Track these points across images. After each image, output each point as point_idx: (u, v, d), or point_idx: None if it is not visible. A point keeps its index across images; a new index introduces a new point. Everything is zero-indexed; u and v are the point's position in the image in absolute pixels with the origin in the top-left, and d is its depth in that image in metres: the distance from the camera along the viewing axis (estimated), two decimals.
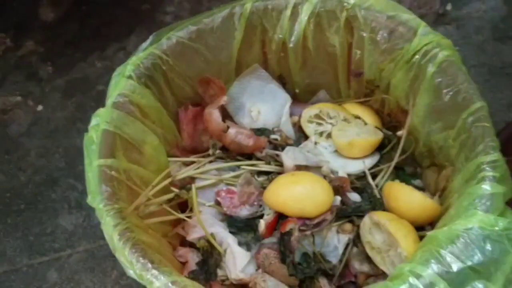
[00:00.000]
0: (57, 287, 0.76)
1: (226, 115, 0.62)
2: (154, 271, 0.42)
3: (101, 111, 0.50)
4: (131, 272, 0.43)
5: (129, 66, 0.55)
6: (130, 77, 0.53)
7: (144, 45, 0.58)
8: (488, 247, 0.39)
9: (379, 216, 0.51)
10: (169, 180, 0.55)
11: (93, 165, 0.46)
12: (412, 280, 0.38)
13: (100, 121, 0.49)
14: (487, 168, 0.43)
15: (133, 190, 0.50)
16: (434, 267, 0.39)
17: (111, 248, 0.46)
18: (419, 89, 0.53)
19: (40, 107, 0.97)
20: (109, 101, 0.51)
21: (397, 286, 0.38)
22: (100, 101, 0.52)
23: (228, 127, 0.58)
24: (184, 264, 0.55)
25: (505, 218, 0.41)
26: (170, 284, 0.40)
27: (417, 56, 0.52)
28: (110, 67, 0.98)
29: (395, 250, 0.49)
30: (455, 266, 0.39)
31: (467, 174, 0.45)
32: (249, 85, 0.62)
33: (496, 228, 0.40)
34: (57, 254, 0.79)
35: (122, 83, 0.53)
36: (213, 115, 0.58)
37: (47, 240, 0.80)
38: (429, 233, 0.43)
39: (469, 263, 0.39)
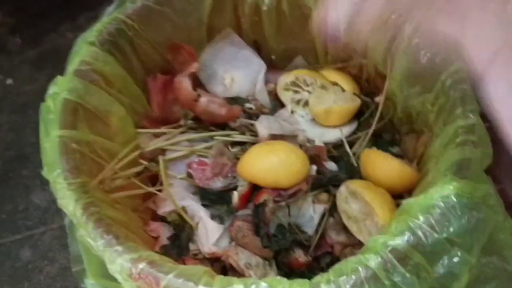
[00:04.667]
0: (31, 265, 0.74)
1: (198, 83, 0.59)
2: (119, 247, 0.40)
3: (60, 79, 0.48)
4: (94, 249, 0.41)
5: (92, 32, 0.52)
6: (92, 43, 0.50)
7: (110, 9, 0.55)
8: (465, 216, 0.37)
9: (355, 184, 0.49)
10: (137, 152, 0.53)
11: (52, 135, 0.44)
12: (385, 253, 0.36)
13: (60, 89, 0.47)
14: (465, 132, 0.41)
15: (98, 164, 0.48)
16: (409, 239, 0.37)
17: (76, 224, 0.44)
18: (396, 51, 0.50)
19: (9, 81, 0.94)
20: (70, 68, 0.49)
21: (370, 260, 0.36)
22: None
23: (199, 96, 0.55)
24: (156, 239, 0.53)
25: (483, 184, 0.40)
26: (134, 260, 0.38)
27: (393, 16, 0.49)
28: None
29: (372, 219, 0.48)
30: (431, 238, 0.37)
31: (445, 139, 0.43)
32: (221, 51, 0.59)
33: (474, 195, 0.38)
34: (30, 231, 0.77)
35: (83, 50, 0.50)
36: (183, 83, 0.55)
37: (20, 218, 0.78)
38: (404, 202, 0.41)
39: (445, 234, 0.37)
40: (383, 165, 0.51)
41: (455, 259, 0.37)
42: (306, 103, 0.59)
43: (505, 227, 0.41)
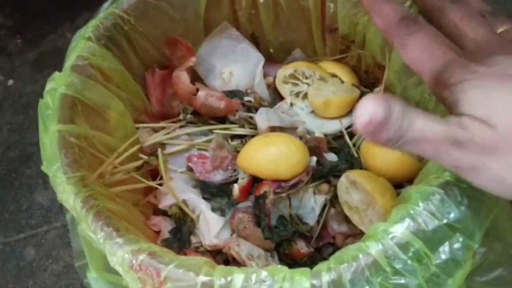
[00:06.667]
0: (35, 264, 0.74)
1: (196, 77, 0.59)
2: (119, 239, 0.39)
3: (57, 75, 0.48)
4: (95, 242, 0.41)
5: (89, 28, 0.51)
6: (89, 38, 0.50)
7: (106, 5, 0.55)
8: (466, 202, 0.37)
9: (355, 174, 0.49)
10: (137, 147, 0.53)
11: (51, 130, 0.44)
12: (386, 240, 0.36)
13: (57, 85, 0.47)
14: None
15: (98, 158, 0.48)
16: (409, 226, 0.36)
17: (76, 218, 0.44)
18: None
19: (10, 82, 0.94)
20: (67, 64, 0.49)
21: (371, 247, 0.36)
22: None
23: (197, 90, 0.55)
24: (158, 233, 0.53)
25: None
26: (135, 252, 0.38)
27: None
28: None
29: (373, 208, 0.47)
30: (431, 224, 0.36)
31: None
32: (219, 45, 0.59)
33: None
34: (34, 230, 0.77)
35: (80, 45, 0.50)
36: (181, 77, 0.55)
37: (23, 217, 0.78)
38: (404, 190, 0.41)
39: (446, 220, 0.36)
40: (383, 154, 0.50)
41: (457, 245, 0.37)
42: (305, 95, 0.59)
43: (509, 212, 0.41)
